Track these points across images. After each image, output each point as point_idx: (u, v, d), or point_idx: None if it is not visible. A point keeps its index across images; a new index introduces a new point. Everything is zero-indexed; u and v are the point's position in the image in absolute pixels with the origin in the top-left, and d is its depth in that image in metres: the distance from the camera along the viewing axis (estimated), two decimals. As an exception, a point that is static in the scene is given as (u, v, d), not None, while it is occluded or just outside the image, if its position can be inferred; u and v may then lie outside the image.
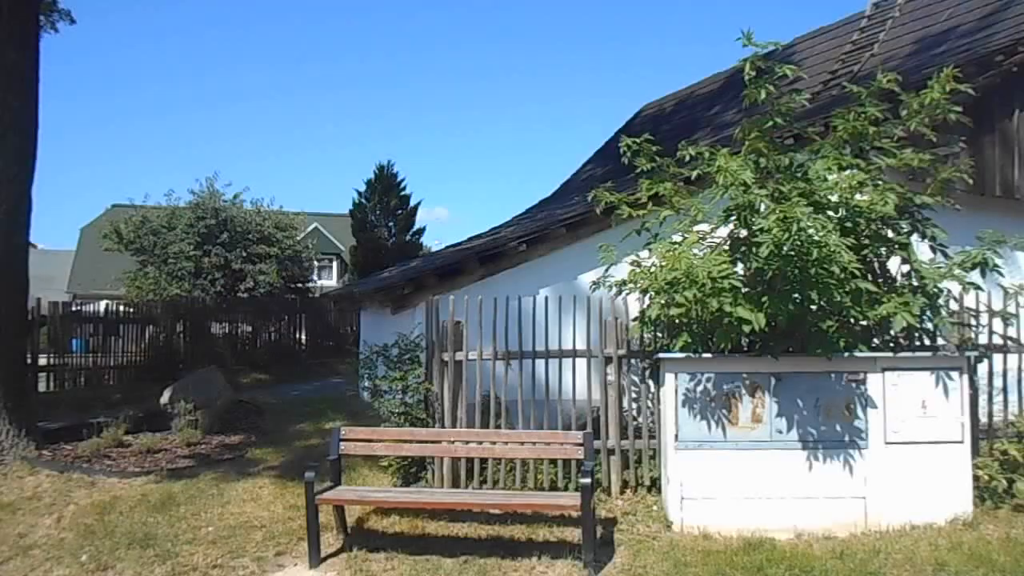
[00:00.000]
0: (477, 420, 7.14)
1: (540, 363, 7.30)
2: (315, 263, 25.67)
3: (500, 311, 7.24)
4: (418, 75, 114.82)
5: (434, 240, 33.22)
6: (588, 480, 5.64)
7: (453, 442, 6.66)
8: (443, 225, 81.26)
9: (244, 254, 19.38)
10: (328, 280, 35.12)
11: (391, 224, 25.72)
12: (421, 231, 26.36)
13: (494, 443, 6.64)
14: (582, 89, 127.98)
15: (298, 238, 22.65)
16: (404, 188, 26.19)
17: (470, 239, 12.65)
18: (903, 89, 6.74)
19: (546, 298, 7.40)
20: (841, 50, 13.33)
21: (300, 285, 22.06)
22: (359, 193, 26.07)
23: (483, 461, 7.06)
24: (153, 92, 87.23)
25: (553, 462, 7.03)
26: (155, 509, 6.78)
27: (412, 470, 7.26)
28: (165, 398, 9.35)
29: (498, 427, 7.10)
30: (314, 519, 5.88)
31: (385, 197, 25.63)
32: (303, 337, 19.24)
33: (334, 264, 37.32)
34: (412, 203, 26.23)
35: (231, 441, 8.99)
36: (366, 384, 8.43)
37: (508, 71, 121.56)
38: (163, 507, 6.82)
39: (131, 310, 16.31)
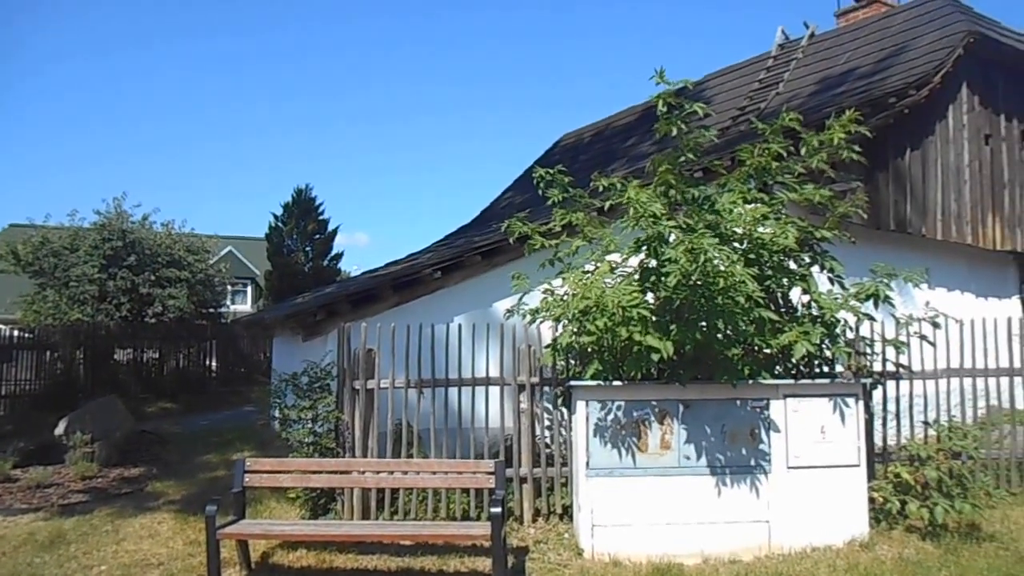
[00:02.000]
0: (388, 449, 7.02)
1: (453, 391, 7.25)
2: (228, 288, 24.89)
3: (414, 338, 7.17)
4: (340, 98, 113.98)
5: (353, 265, 32.82)
6: (498, 509, 5.60)
7: (363, 472, 6.51)
8: (363, 250, 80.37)
9: (153, 278, 18.63)
10: (242, 305, 34.17)
11: (308, 249, 25.25)
12: (339, 256, 25.97)
13: (405, 473, 6.56)
14: (506, 116, 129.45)
15: (211, 262, 21.94)
16: (322, 212, 25.81)
17: (387, 265, 12.53)
18: (805, 127, 7.05)
19: (459, 326, 7.37)
20: (749, 87, 13.90)
21: (212, 310, 21.34)
22: (276, 217, 25.55)
23: (394, 491, 6.95)
24: (61, 111, 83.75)
25: (466, 491, 6.96)
26: (43, 548, 6.40)
27: (321, 501, 7.08)
28: (60, 429, 8.89)
29: (410, 456, 7.00)
30: (215, 555, 5.64)
31: (303, 221, 25.17)
32: (214, 364, 18.63)
33: (249, 289, 36.36)
34: (330, 228, 25.83)
35: (130, 474, 8.59)
36: (276, 413, 8.20)
37: (433, 95, 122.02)
38: (52, 546, 6.44)
39: (27, 335, 15.48)
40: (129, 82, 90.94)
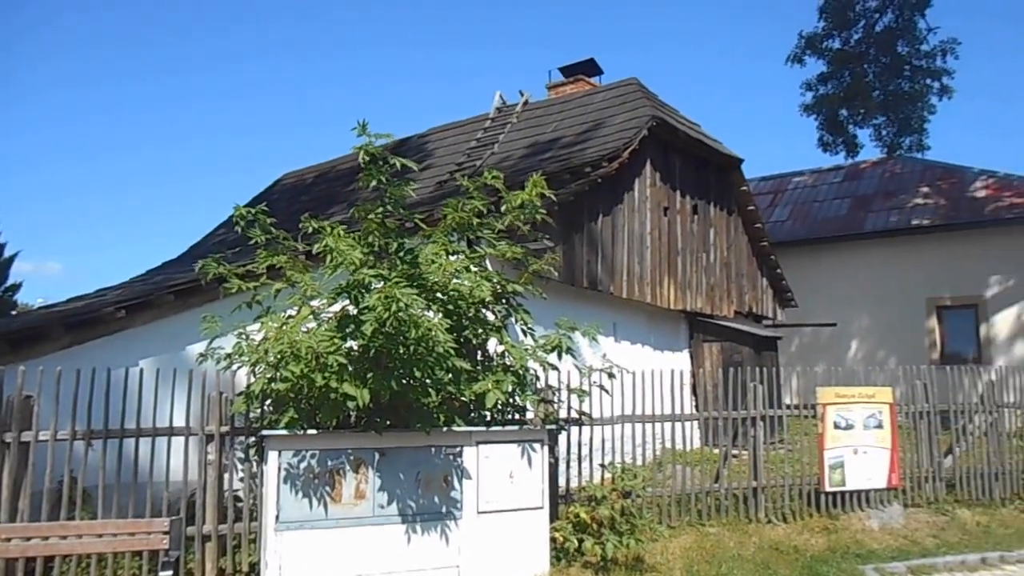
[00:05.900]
0: (45, 511, 6.17)
1: (131, 442, 6.59)
2: None
3: (85, 384, 6.42)
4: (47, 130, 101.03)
5: (38, 298, 28.81)
6: (169, 572, 5.15)
7: (8, 540, 5.63)
8: (57, 282, 70.97)
9: None
10: None
11: (-26, 278, 21.77)
12: (17, 287, 22.62)
13: (63, 538, 5.76)
14: (235, 145, 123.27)
15: None
16: (-4, 236, 22.40)
17: (69, 300, 11.19)
18: (511, 187, 7.49)
19: (140, 371, 6.73)
20: (468, 145, 14.61)
21: None
22: (-68, 239, 21.75)
23: (49, 560, 6.09)
24: None
25: (138, 554, 6.31)
26: None
27: (-51, 579, 6.00)
28: None
29: (71, 518, 6.20)
30: None
31: (-32, 245, 21.70)
32: None
33: None
34: (7, 253, 22.51)
35: None
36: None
37: (150, 109, 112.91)
38: None
39: None
40: None
